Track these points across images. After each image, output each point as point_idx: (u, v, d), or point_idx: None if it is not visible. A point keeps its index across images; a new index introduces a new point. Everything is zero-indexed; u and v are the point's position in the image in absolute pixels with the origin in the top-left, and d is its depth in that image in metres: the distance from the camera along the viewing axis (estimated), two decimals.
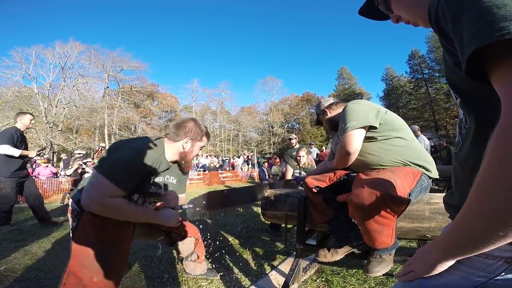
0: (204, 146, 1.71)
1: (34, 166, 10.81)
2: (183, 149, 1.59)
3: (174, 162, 1.61)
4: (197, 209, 1.64)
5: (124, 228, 1.44)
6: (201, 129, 1.65)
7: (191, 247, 2.03)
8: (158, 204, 1.66)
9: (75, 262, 1.32)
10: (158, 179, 1.54)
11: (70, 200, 1.46)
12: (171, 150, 1.57)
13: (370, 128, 1.50)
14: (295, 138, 5.29)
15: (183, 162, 1.63)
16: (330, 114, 1.89)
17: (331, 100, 1.96)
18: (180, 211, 1.60)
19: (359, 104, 1.58)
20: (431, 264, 0.54)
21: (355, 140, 1.48)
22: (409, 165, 1.50)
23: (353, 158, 1.53)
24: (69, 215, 1.44)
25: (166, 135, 1.61)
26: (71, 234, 1.37)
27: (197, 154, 1.76)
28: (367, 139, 1.53)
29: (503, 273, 0.49)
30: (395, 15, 0.71)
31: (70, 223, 1.41)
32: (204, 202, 1.66)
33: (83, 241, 1.33)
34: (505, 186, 0.35)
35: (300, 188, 2.44)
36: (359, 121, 1.48)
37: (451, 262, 0.53)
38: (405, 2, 0.66)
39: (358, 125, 1.47)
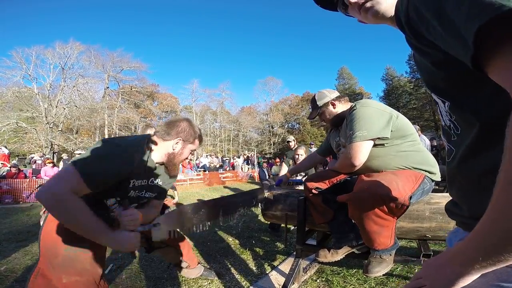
0: (195, 149, 1.58)
1: (34, 166, 10.83)
2: (173, 150, 1.45)
3: (161, 163, 1.47)
4: (167, 228, 1.37)
5: None
6: (195, 130, 1.52)
7: (176, 257, 1.90)
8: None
9: (44, 261, 1.25)
10: (140, 182, 1.39)
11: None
12: (159, 150, 1.43)
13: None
14: (293, 140, 5.28)
15: (170, 164, 1.48)
16: (337, 108, 1.73)
17: (337, 93, 1.80)
18: (141, 230, 1.30)
19: (369, 108, 1.45)
20: (451, 280, 0.46)
21: (362, 153, 1.40)
22: (413, 169, 1.45)
23: (357, 168, 1.47)
24: (41, 213, 1.37)
25: (156, 133, 1.47)
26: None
27: (191, 156, 1.62)
28: (374, 145, 1.45)
29: None
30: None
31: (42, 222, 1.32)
32: (178, 218, 1.45)
33: (50, 240, 1.26)
34: None
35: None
36: (369, 131, 1.38)
37: (475, 276, 0.44)
38: None
39: (368, 136, 1.38)
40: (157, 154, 1.42)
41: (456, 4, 0.36)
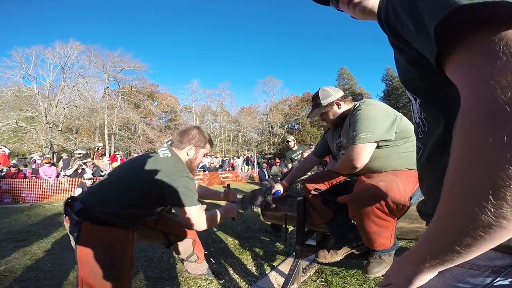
0: (207, 153, 1.79)
1: (34, 166, 10.83)
2: (188, 156, 1.65)
3: None
4: (245, 204, 1.98)
5: (124, 232, 1.45)
6: (204, 136, 1.71)
7: (189, 248, 2.03)
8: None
9: (85, 271, 1.32)
10: None
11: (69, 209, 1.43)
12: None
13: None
14: (293, 140, 5.27)
15: (188, 169, 1.64)
16: (342, 108, 1.67)
17: (341, 91, 1.73)
18: (237, 202, 1.94)
19: (374, 109, 1.42)
20: (408, 279, 0.48)
21: (365, 156, 1.37)
22: (413, 169, 1.43)
23: (358, 170, 1.45)
24: (66, 223, 1.43)
25: (172, 144, 1.68)
26: (73, 244, 1.36)
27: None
28: (378, 146, 1.42)
29: (489, 285, 0.44)
30: None
31: (69, 231, 1.40)
32: (248, 198, 1.99)
33: (89, 250, 1.33)
34: (482, 178, 0.30)
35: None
36: (373, 133, 1.35)
37: (431, 275, 0.46)
38: None
39: (372, 138, 1.35)
40: None
41: (425, 3, 0.36)
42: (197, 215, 1.48)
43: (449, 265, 0.40)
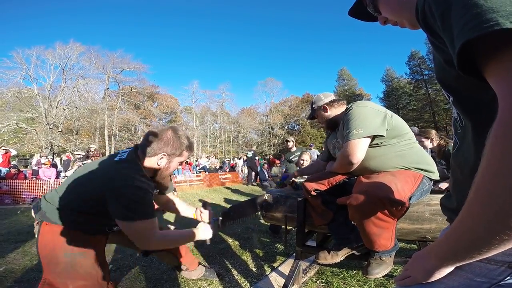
0: (184, 160, 1.51)
1: (36, 167, 10.83)
2: (158, 165, 1.39)
3: (150, 177, 1.42)
4: (224, 221, 1.84)
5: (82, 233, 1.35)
6: (181, 142, 1.40)
7: (174, 261, 1.93)
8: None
9: (48, 271, 1.26)
10: None
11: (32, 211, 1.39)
12: (145, 166, 1.37)
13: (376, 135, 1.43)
14: (292, 141, 5.22)
15: (158, 178, 1.44)
16: (330, 112, 1.77)
17: (333, 97, 1.83)
18: (211, 222, 1.73)
19: (364, 108, 1.48)
20: (428, 271, 0.51)
21: (360, 150, 1.40)
22: (411, 169, 1.45)
23: (355, 167, 1.47)
24: (35, 224, 1.38)
25: (140, 147, 1.40)
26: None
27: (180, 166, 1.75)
28: (371, 144, 1.46)
29: (506, 279, 0.46)
30: (383, 17, 0.71)
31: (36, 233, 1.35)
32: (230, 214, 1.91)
33: (48, 250, 1.28)
34: (508, 186, 0.33)
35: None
36: (365, 128, 1.40)
37: (450, 269, 0.49)
38: (392, 4, 0.66)
39: (364, 133, 1.39)
40: (145, 170, 1.38)
41: (458, 13, 0.38)
42: (143, 231, 1.26)
43: (469, 261, 0.43)
